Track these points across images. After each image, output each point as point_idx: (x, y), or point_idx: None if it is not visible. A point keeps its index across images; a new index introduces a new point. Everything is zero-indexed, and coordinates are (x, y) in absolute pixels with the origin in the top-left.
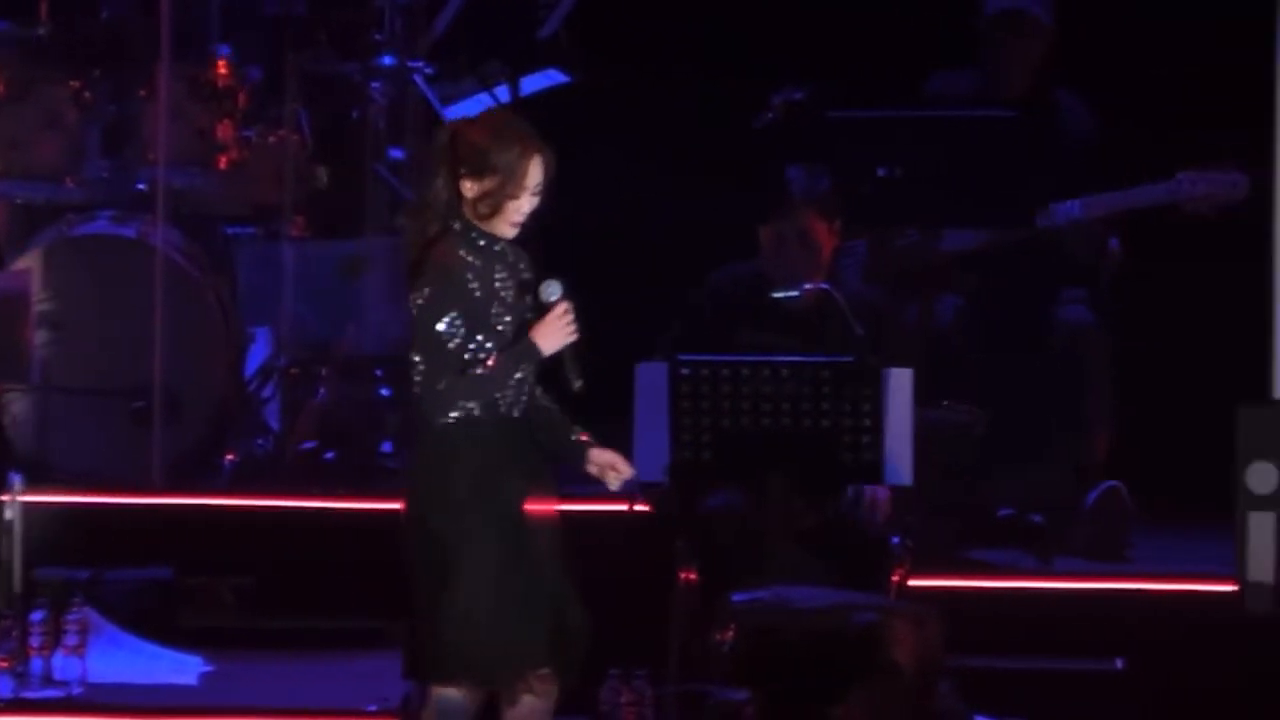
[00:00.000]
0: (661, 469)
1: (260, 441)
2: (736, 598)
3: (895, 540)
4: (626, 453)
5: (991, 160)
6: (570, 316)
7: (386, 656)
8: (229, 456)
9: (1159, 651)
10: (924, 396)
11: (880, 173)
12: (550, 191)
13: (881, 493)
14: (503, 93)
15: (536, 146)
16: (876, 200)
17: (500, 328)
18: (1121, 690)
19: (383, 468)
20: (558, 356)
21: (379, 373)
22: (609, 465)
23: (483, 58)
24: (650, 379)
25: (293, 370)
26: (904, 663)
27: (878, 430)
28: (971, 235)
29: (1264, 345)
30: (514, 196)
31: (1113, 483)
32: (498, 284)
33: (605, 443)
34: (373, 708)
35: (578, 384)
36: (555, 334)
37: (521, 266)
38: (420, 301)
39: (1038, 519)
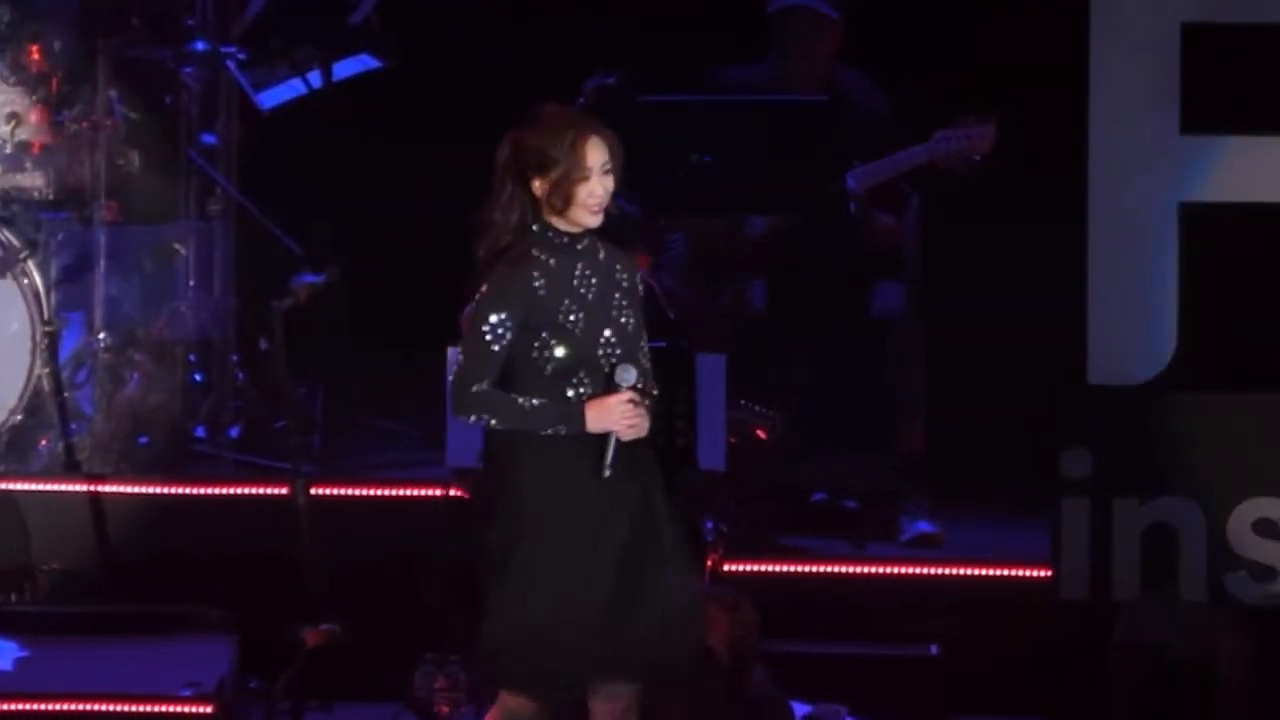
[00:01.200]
0: (476, 454)
1: (74, 426)
2: None
3: (708, 525)
4: (440, 439)
5: (801, 144)
6: (632, 410)
7: (202, 641)
8: (43, 441)
9: (973, 637)
10: (738, 384)
11: (694, 158)
12: (357, 178)
13: None
14: (315, 78)
15: (590, 128)
16: (688, 186)
17: (569, 325)
18: (936, 675)
19: (195, 452)
20: (603, 439)
21: (192, 358)
22: None
23: (295, 43)
24: None
25: (106, 355)
26: (718, 648)
27: (690, 415)
28: (780, 219)
29: (1078, 329)
30: (582, 180)
31: (924, 526)
32: (576, 281)
33: (420, 430)
34: (186, 692)
35: (607, 473)
36: (609, 417)
37: (619, 268)
38: (478, 297)
39: (852, 504)
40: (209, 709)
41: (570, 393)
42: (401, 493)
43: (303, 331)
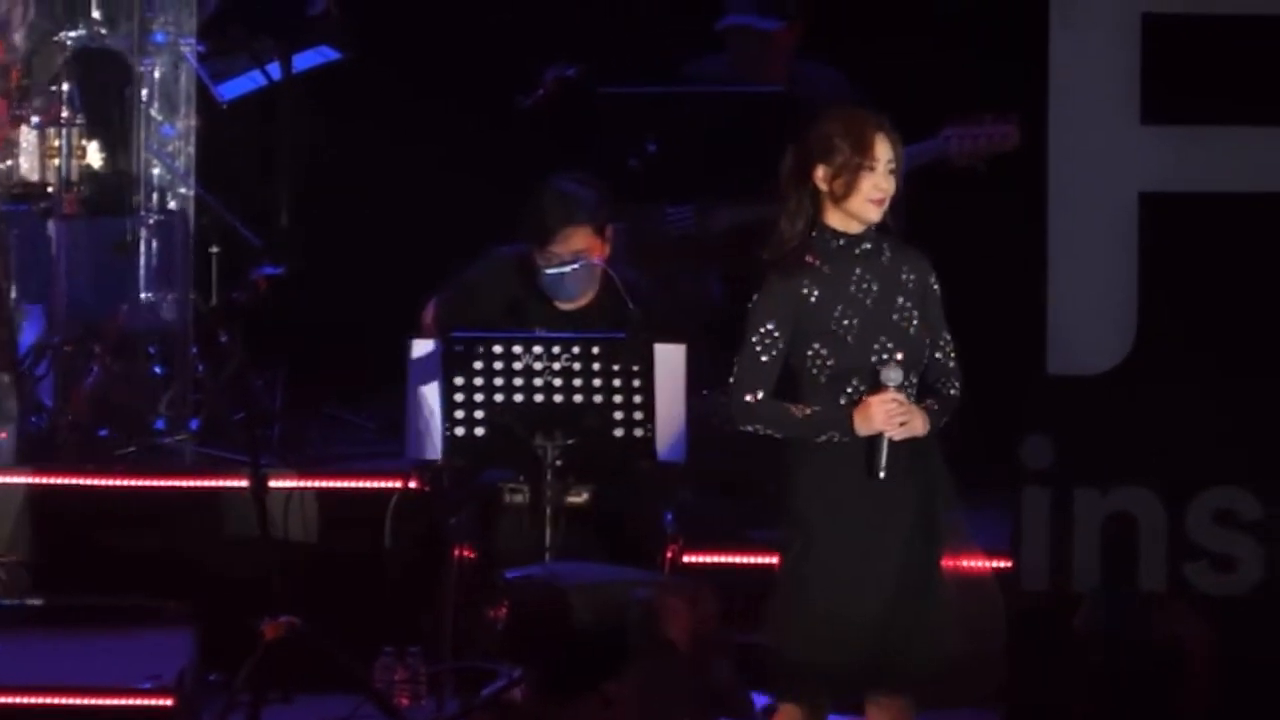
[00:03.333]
0: (435, 446)
1: (34, 419)
2: (510, 574)
3: (669, 517)
4: (399, 430)
5: (759, 135)
6: (896, 408)
7: (163, 634)
8: (1, 434)
9: None
10: (699, 374)
11: (651, 149)
12: (318, 167)
13: None
14: (274, 69)
15: (878, 123)
16: (648, 176)
17: (842, 332)
18: None
19: (156, 445)
20: (874, 441)
21: (152, 350)
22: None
23: (254, 35)
24: (423, 356)
25: (66, 348)
26: (678, 639)
27: (650, 406)
28: (741, 211)
29: (1039, 318)
30: (868, 168)
31: None
32: (853, 287)
33: (380, 420)
34: (146, 685)
35: (881, 474)
36: (876, 418)
37: (905, 269)
38: (750, 306)
39: None
40: (169, 702)
41: (844, 399)
42: (361, 484)
43: (262, 324)
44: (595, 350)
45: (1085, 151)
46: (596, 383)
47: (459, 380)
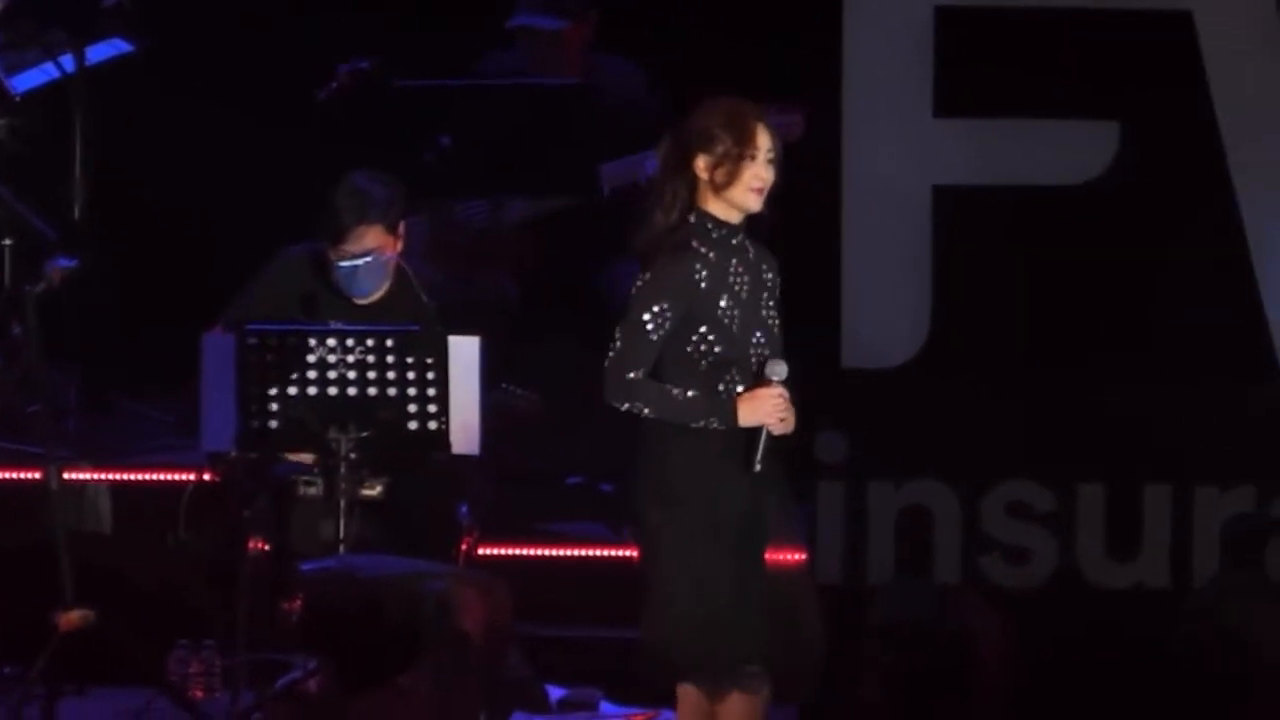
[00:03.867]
0: (230, 438)
1: None
2: (305, 566)
3: (463, 509)
4: (195, 425)
5: (554, 128)
6: (782, 403)
7: None
8: None
9: None
10: (493, 367)
11: (445, 143)
12: (113, 159)
13: None
14: (68, 62)
15: (758, 113)
16: (443, 171)
17: (727, 321)
18: None
19: None
20: (753, 434)
21: None
22: None
23: (46, 27)
24: (217, 348)
25: None
26: (472, 631)
27: (444, 399)
28: (535, 205)
29: (833, 312)
30: (750, 158)
31: None
32: (732, 278)
33: (175, 415)
34: None
35: (757, 467)
36: (759, 411)
37: (765, 268)
38: (639, 284)
39: (607, 488)
40: None
41: (721, 388)
42: (155, 477)
43: (56, 316)
44: (390, 343)
45: (879, 145)
46: (391, 375)
47: (253, 373)
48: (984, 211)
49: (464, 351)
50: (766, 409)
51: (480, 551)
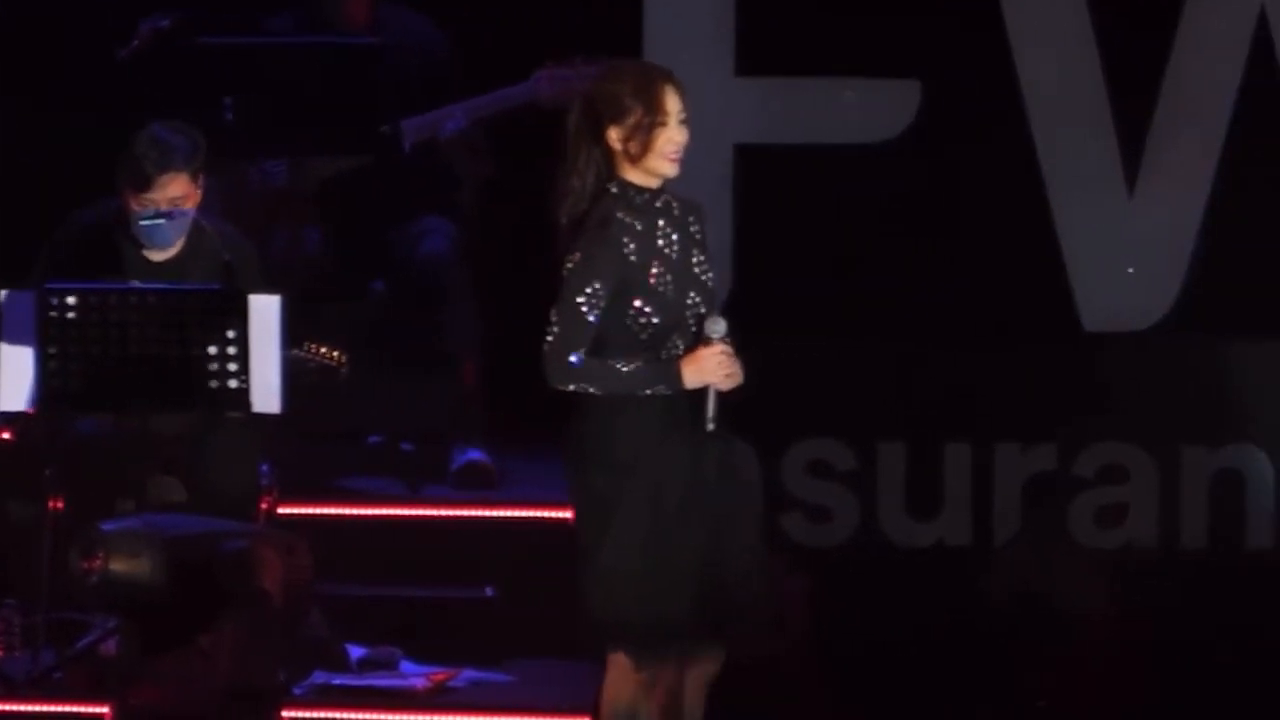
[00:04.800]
0: (29, 398)
1: None
2: (105, 526)
3: (264, 468)
4: None
5: (350, 86)
6: (726, 360)
7: None
8: None
9: (528, 579)
10: (293, 326)
11: (245, 101)
12: None
13: None
14: None
15: (663, 75)
16: (242, 129)
17: (661, 289)
18: (492, 617)
19: None
20: (701, 393)
21: None
22: None
23: None
24: (16, 308)
25: None
26: (272, 590)
27: (244, 358)
28: (334, 162)
29: None
30: (661, 124)
31: (475, 454)
32: (660, 242)
33: None
34: None
35: (711, 426)
36: (705, 371)
37: (691, 220)
38: (570, 265)
39: (407, 447)
40: None
41: (664, 354)
42: None
43: None
44: (190, 301)
45: None
46: (192, 333)
47: (52, 332)
48: (785, 170)
49: (264, 310)
50: (710, 368)
51: (280, 511)
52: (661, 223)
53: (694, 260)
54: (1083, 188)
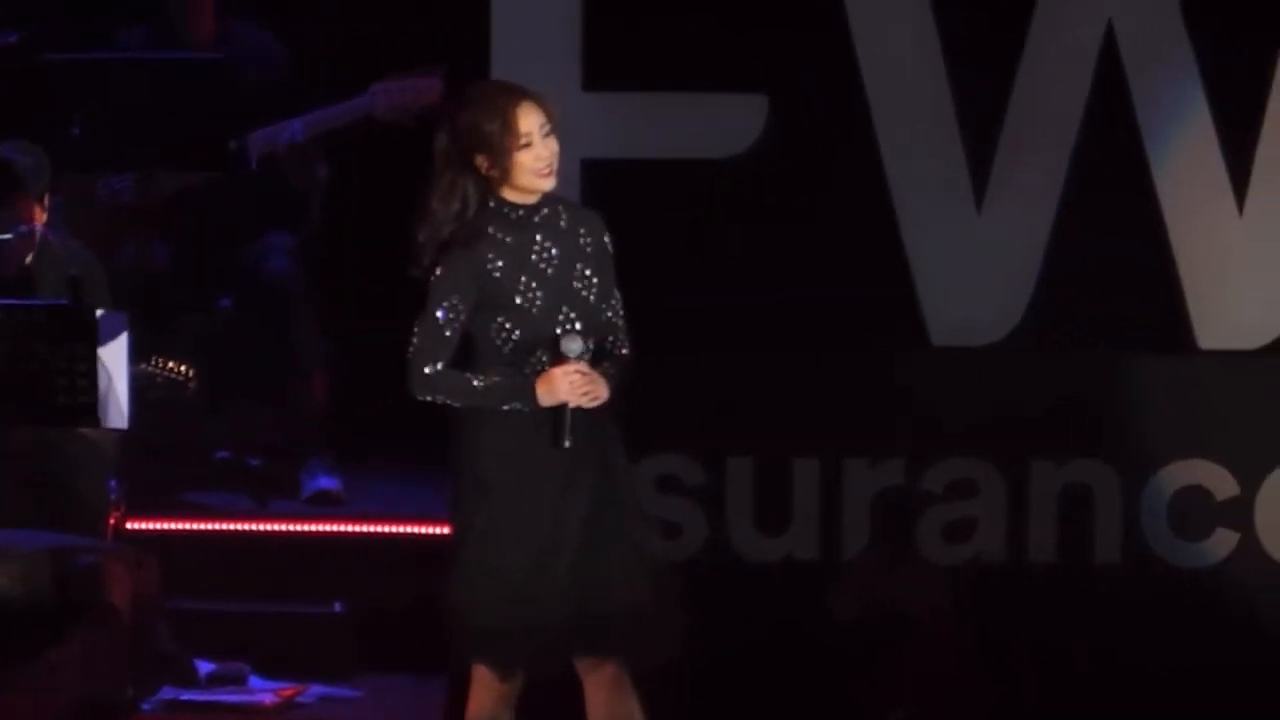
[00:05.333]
0: None
1: None
2: None
3: (112, 483)
4: None
5: (196, 102)
6: (581, 380)
7: None
8: None
9: (378, 594)
10: (141, 341)
11: (91, 117)
12: None
13: None
14: None
15: (517, 94)
16: (88, 145)
17: (526, 305)
18: (342, 632)
19: None
20: (558, 411)
21: None
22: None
23: None
24: None
25: None
26: (121, 606)
27: (92, 373)
28: (181, 178)
29: None
30: (521, 146)
31: (325, 482)
32: (534, 257)
33: None
34: None
35: (565, 444)
36: (557, 390)
37: (583, 232)
38: (434, 278)
39: (255, 462)
40: None
41: (528, 369)
42: None
43: None
44: (37, 317)
45: None
46: (39, 349)
47: None
48: (633, 185)
49: (111, 325)
50: (563, 387)
51: (129, 526)
52: (539, 237)
53: (576, 274)
54: (930, 202)
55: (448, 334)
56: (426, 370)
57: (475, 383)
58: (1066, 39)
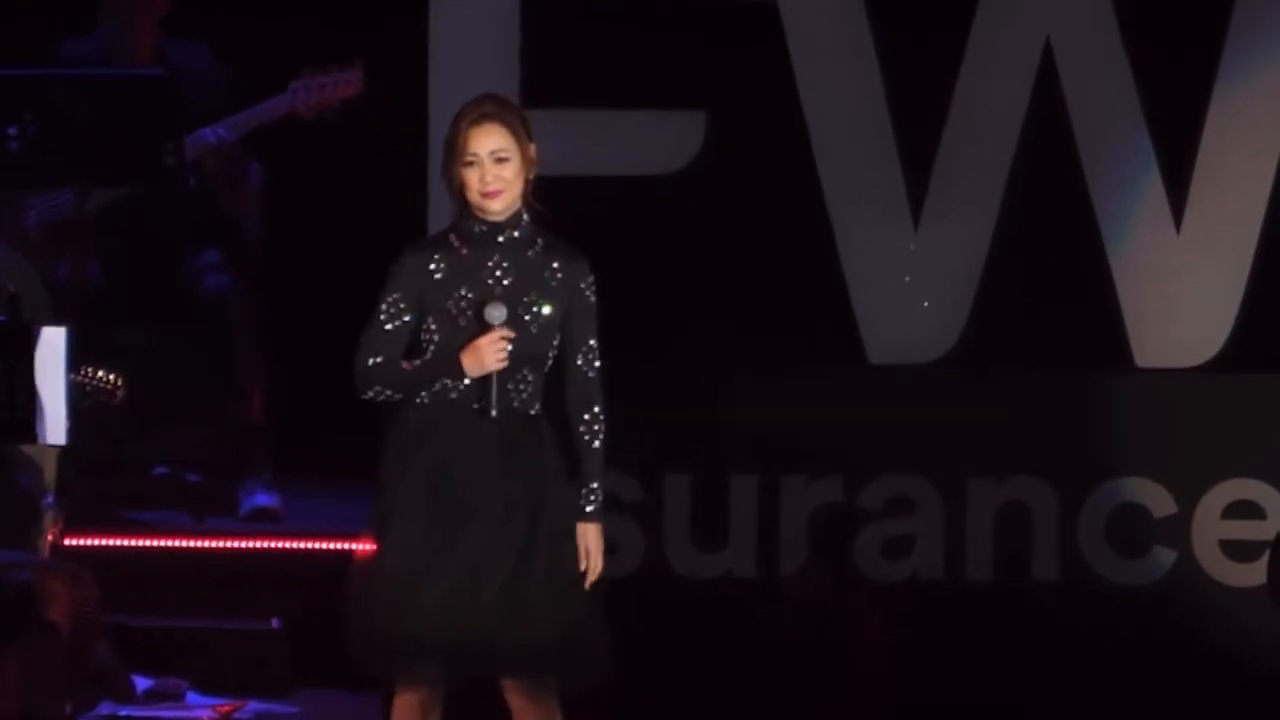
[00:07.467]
0: None
1: None
2: None
3: (49, 499)
4: None
5: (136, 117)
6: (504, 345)
7: None
8: None
9: (315, 610)
10: (79, 356)
11: (28, 132)
12: None
13: None
14: None
15: (475, 116)
16: (25, 160)
17: (455, 312)
18: (279, 648)
19: None
20: (484, 381)
21: None
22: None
23: None
24: None
25: None
26: (59, 621)
27: (29, 388)
28: (118, 193)
29: None
30: (467, 165)
31: (263, 499)
32: (485, 272)
33: None
34: None
35: (493, 412)
36: (484, 357)
37: (555, 268)
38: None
39: (193, 478)
40: None
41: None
42: None
43: None
44: None
45: None
46: None
47: None
48: (572, 203)
49: (51, 341)
50: (490, 355)
51: (66, 542)
52: (498, 257)
53: (525, 303)
54: (868, 220)
55: (388, 328)
56: (368, 363)
57: (405, 366)
58: (1004, 56)
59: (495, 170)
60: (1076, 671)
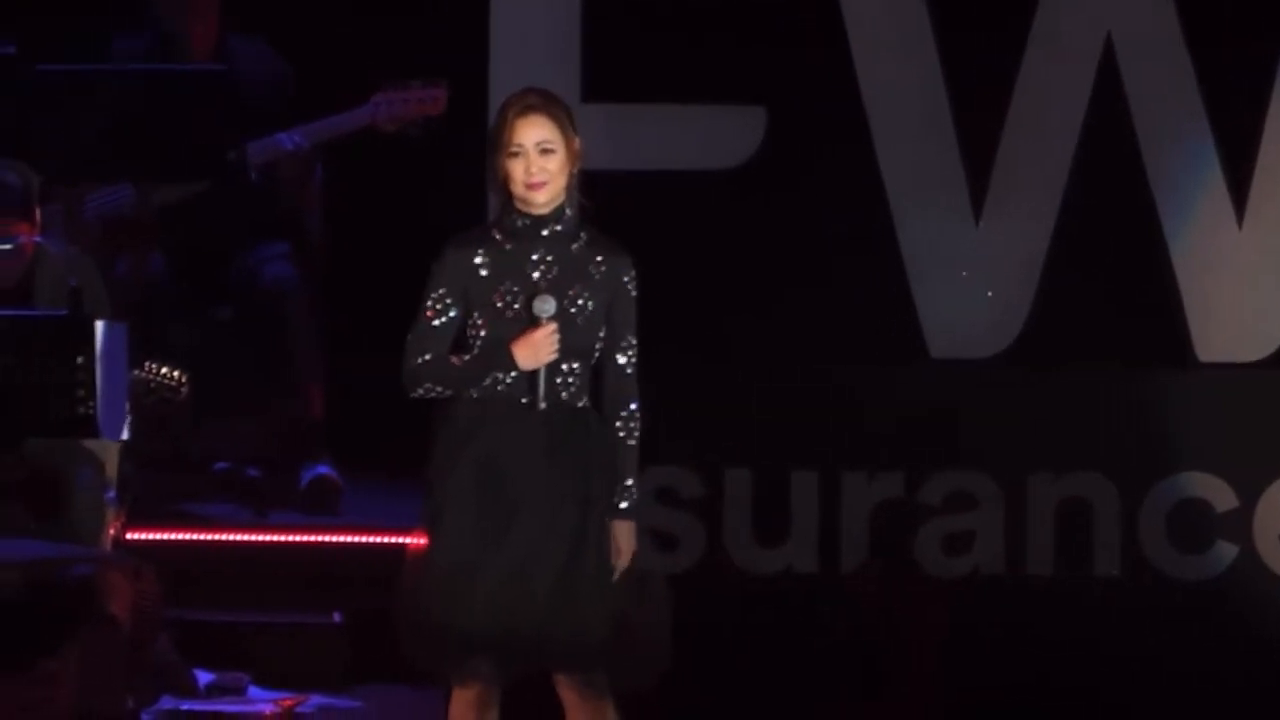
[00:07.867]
0: None
1: None
2: None
3: (110, 494)
4: None
5: (197, 112)
6: (557, 337)
7: None
8: None
9: (377, 604)
10: (138, 351)
11: (90, 127)
12: None
13: None
14: None
15: (521, 106)
16: (87, 155)
17: (502, 306)
18: (341, 643)
19: None
20: (534, 374)
21: None
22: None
23: None
24: None
25: None
26: (120, 615)
27: (91, 384)
28: (180, 189)
29: None
30: (512, 155)
31: (323, 469)
32: (530, 266)
33: None
34: None
35: (542, 405)
36: (536, 351)
37: (599, 260)
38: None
39: (254, 472)
40: None
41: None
42: None
43: None
44: (37, 328)
45: None
46: (38, 360)
47: None
48: (632, 197)
49: (111, 336)
50: (545, 348)
51: (128, 536)
52: (542, 250)
53: (571, 295)
54: (929, 214)
55: (435, 325)
56: (416, 362)
57: (455, 363)
58: (1065, 51)
59: (540, 162)
60: (1138, 667)
